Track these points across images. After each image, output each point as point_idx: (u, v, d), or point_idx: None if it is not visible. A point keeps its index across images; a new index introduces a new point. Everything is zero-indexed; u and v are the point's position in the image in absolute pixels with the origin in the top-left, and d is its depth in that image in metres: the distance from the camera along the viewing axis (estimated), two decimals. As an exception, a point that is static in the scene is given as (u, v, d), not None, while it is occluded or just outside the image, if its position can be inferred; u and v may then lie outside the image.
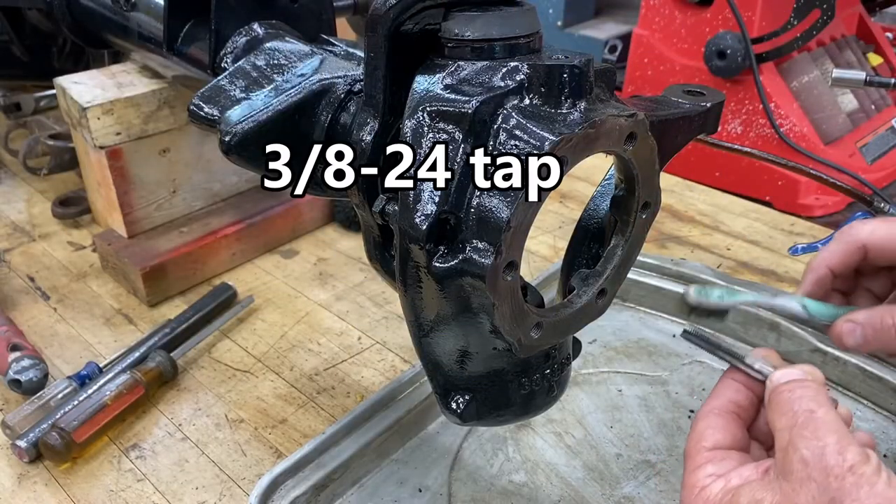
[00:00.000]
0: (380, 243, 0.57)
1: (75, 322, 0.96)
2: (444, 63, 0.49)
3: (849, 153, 1.77)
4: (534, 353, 0.52)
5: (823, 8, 1.67)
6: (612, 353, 0.87)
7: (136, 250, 1.00)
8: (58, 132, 1.22)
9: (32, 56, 1.20)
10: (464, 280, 0.47)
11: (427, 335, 0.52)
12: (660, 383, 0.82)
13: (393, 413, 0.74)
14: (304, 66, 0.64)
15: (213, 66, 0.75)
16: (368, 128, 0.54)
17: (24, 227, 1.17)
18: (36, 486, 0.73)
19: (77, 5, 1.02)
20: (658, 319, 0.92)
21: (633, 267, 0.91)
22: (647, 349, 0.87)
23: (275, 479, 0.66)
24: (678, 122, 0.54)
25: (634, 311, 0.93)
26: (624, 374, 0.83)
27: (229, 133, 0.57)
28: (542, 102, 0.46)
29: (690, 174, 1.35)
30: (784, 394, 0.47)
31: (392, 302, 0.98)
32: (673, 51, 1.88)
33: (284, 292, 1.01)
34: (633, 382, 0.82)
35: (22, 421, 0.77)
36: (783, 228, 1.14)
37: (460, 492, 0.71)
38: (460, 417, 0.54)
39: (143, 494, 0.72)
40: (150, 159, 1.01)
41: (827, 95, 1.82)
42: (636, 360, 0.85)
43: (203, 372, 0.87)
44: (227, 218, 1.06)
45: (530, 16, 0.50)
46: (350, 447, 0.70)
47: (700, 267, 0.90)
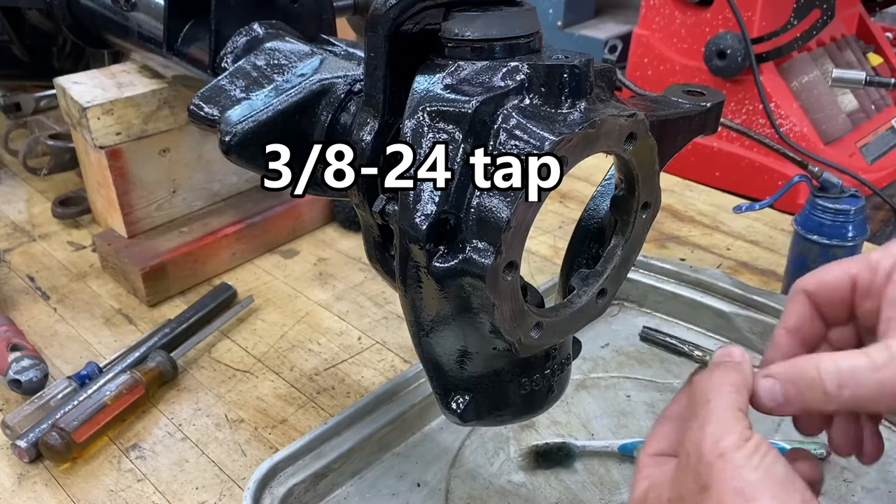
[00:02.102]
0: (380, 243, 0.57)
1: (75, 322, 0.96)
2: (444, 63, 0.49)
3: (849, 153, 1.77)
4: (534, 353, 0.52)
5: (823, 8, 1.67)
6: (624, 358, 0.86)
7: (136, 250, 1.00)
8: (58, 132, 1.22)
9: (32, 56, 1.20)
10: (464, 280, 0.47)
11: (427, 335, 0.52)
12: (670, 391, 0.81)
13: (396, 407, 0.74)
14: (304, 66, 0.64)
15: (213, 66, 0.75)
16: (368, 128, 0.54)
17: (24, 227, 1.17)
18: (36, 486, 0.73)
19: (77, 5, 1.02)
20: (674, 326, 0.90)
21: (651, 272, 0.92)
22: (659, 356, 0.86)
23: (274, 465, 0.66)
24: (678, 122, 0.55)
25: (651, 316, 0.92)
26: (634, 380, 0.83)
27: (229, 133, 0.57)
28: (543, 102, 0.46)
29: (690, 174, 1.35)
30: (693, 385, 0.45)
31: (392, 302, 0.98)
32: (673, 51, 1.88)
33: (284, 292, 1.01)
34: (642, 389, 0.82)
35: (22, 421, 0.77)
36: (783, 228, 1.14)
37: (458, 489, 0.71)
38: (460, 417, 0.54)
39: (143, 494, 0.72)
40: (150, 159, 1.01)
41: (827, 95, 1.82)
42: (647, 367, 0.85)
43: (203, 372, 0.87)
44: (227, 218, 1.06)
45: (530, 16, 0.50)
46: (351, 438, 0.71)
47: (718, 274, 0.89)
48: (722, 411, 0.42)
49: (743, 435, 0.41)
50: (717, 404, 0.42)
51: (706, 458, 0.40)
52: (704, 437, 0.41)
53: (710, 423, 0.42)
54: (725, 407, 0.42)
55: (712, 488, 0.40)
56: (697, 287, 0.90)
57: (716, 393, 0.43)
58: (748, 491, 0.38)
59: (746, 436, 0.41)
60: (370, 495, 0.70)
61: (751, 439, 0.40)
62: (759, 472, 0.39)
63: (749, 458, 0.39)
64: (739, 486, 0.39)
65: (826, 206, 0.88)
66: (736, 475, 0.39)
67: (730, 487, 0.39)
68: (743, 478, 0.39)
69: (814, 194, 0.89)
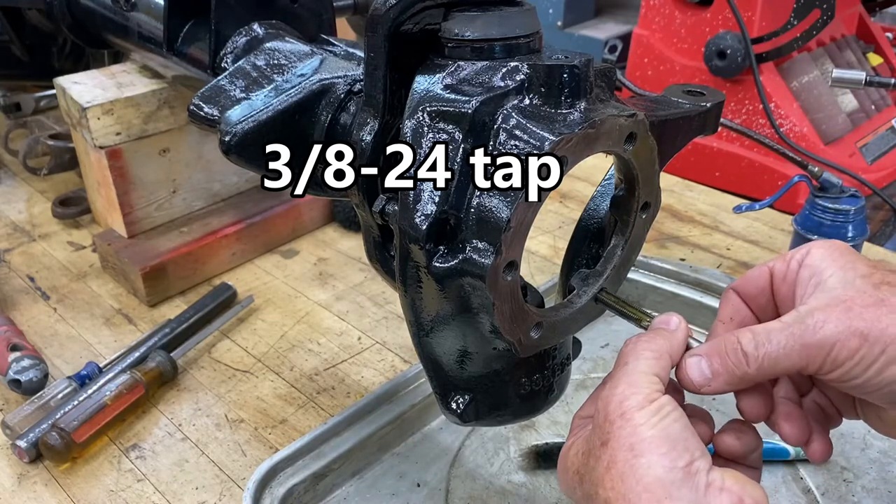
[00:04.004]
0: (380, 243, 0.57)
1: (75, 322, 0.96)
2: (444, 63, 0.49)
3: (849, 153, 1.76)
4: (534, 353, 0.52)
5: (823, 8, 1.67)
6: (624, 357, 0.86)
7: (136, 250, 1.00)
8: (58, 132, 1.22)
9: (32, 56, 1.20)
10: (464, 280, 0.47)
11: (427, 335, 0.52)
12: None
13: (396, 407, 0.74)
14: (304, 66, 0.64)
15: (213, 66, 0.75)
16: (368, 128, 0.54)
17: (24, 227, 1.17)
18: (36, 486, 0.73)
19: (77, 5, 1.02)
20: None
21: (651, 272, 0.92)
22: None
23: (274, 465, 0.66)
24: (678, 122, 0.54)
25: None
26: None
27: (229, 133, 0.57)
28: (542, 102, 0.46)
29: (690, 174, 1.35)
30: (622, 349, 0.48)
31: (392, 302, 0.98)
32: (673, 51, 1.88)
33: (284, 292, 1.01)
34: (641, 387, 0.82)
35: (22, 421, 0.77)
36: (783, 228, 1.14)
37: (458, 489, 0.71)
38: (460, 417, 0.54)
39: (143, 494, 0.72)
40: (150, 159, 1.01)
41: (827, 95, 1.82)
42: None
43: (203, 372, 0.87)
44: (227, 218, 1.06)
45: (530, 16, 0.50)
46: (351, 439, 0.71)
47: (718, 274, 0.89)
48: (635, 374, 0.45)
49: (649, 397, 0.43)
50: (633, 367, 0.45)
51: (610, 417, 0.43)
52: (613, 397, 0.44)
53: (620, 383, 0.44)
54: (640, 370, 0.45)
55: (610, 444, 0.42)
56: (697, 287, 0.90)
57: (634, 356, 0.46)
58: (638, 447, 0.41)
59: (652, 398, 0.43)
60: (370, 495, 0.70)
61: (656, 401, 0.43)
62: (654, 430, 0.42)
63: (648, 418, 0.42)
64: (631, 442, 0.41)
65: (826, 206, 0.88)
66: (632, 432, 0.42)
67: (624, 443, 0.42)
68: (637, 434, 0.42)
69: (814, 194, 0.89)
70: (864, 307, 0.43)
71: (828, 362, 0.43)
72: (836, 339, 0.42)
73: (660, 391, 0.44)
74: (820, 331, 0.43)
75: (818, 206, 0.88)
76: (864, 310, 0.43)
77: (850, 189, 0.89)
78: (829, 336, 0.42)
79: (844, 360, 0.42)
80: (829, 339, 0.42)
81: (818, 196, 0.89)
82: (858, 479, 0.71)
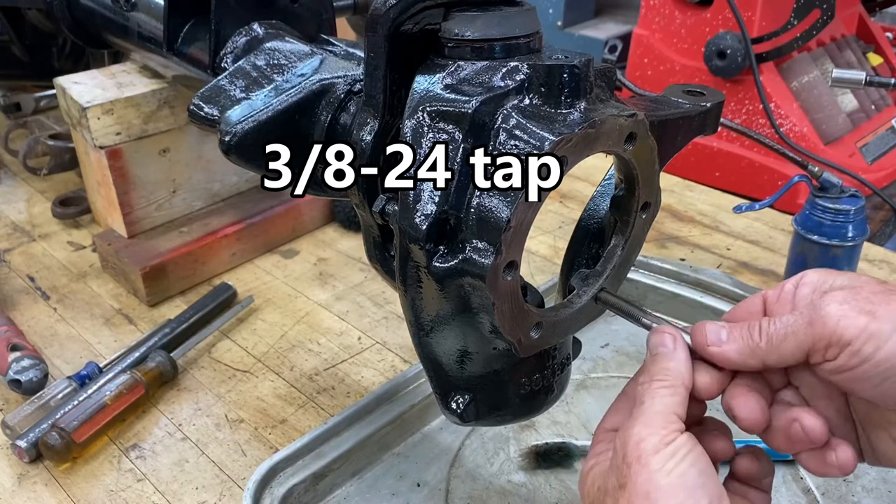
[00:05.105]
0: (380, 243, 0.57)
1: (75, 322, 0.96)
2: (444, 63, 0.49)
3: (849, 153, 1.76)
4: (534, 353, 0.52)
5: (823, 8, 1.67)
6: (625, 358, 0.86)
7: (136, 250, 1.00)
8: (58, 132, 1.22)
9: (32, 56, 1.20)
10: (464, 280, 0.47)
11: (427, 335, 0.52)
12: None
13: (396, 407, 0.74)
14: (304, 66, 0.64)
15: (213, 66, 0.75)
16: (368, 128, 0.54)
17: (24, 227, 1.17)
18: (36, 486, 0.73)
19: (77, 5, 1.02)
20: (675, 326, 0.91)
21: (651, 272, 0.92)
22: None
23: (274, 465, 0.66)
24: (678, 122, 0.54)
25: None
26: None
27: (229, 133, 0.57)
28: (542, 102, 0.46)
29: (690, 174, 1.35)
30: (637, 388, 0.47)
31: (392, 302, 0.98)
32: (673, 51, 1.88)
33: (284, 292, 1.01)
34: (642, 388, 0.82)
35: (22, 421, 0.77)
36: (783, 228, 1.14)
37: (458, 489, 0.71)
38: (460, 417, 0.54)
39: (143, 494, 0.72)
40: (150, 159, 1.01)
41: (827, 95, 1.82)
42: (648, 367, 0.85)
43: (203, 372, 0.87)
44: (227, 218, 1.06)
45: (530, 16, 0.50)
46: (351, 439, 0.71)
47: (718, 274, 0.89)
48: (650, 413, 0.44)
49: (665, 438, 0.43)
50: (649, 406, 0.45)
51: (627, 459, 0.43)
52: (630, 437, 0.43)
53: (637, 423, 0.44)
54: (655, 410, 0.44)
55: (627, 488, 0.42)
56: (697, 287, 0.90)
57: (650, 396, 0.45)
58: (654, 495, 0.41)
59: (668, 439, 0.43)
60: (370, 495, 0.70)
61: (672, 443, 0.43)
62: (670, 477, 0.41)
63: (664, 463, 0.42)
64: (647, 489, 0.41)
65: (826, 206, 0.88)
66: (648, 479, 0.42)
67: (641, 490, 0.42)
68: (653, 482, 0.41)
69: (814, 194, 0.89)
70: (872, 293, 0.43)
71: (834, 340, 0.42)
72: (842, 314, 0.42)
73: (678, 430, 0.43)
74: (826, 307, 0.43)
75: (818, 206, 0.88)
76: (873, 294, 0.43)
77: (850, 189, 0.88)
78: (834, 312, 0.42)
79: (852, 337, 0.42)
80: (835, 314, 0.42)
81: (818, 196, 0.89)
82: (858, 479, 0.71)
